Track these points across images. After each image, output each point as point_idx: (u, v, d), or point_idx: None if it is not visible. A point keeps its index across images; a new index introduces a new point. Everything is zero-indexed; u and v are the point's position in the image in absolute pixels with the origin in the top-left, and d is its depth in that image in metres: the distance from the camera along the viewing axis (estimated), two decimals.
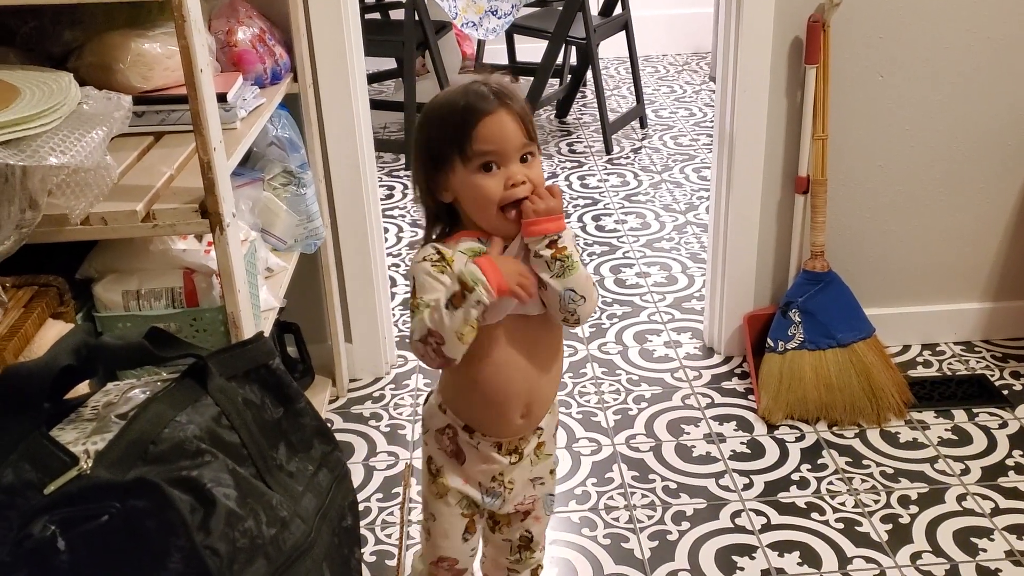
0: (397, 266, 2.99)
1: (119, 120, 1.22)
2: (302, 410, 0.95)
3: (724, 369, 2.35)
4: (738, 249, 2.30)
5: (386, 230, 3.25)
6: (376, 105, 4.36)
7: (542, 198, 1.21)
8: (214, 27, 1.85)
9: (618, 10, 4.04)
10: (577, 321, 1.26)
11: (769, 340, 2.23)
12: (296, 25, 1.97)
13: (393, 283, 2.86)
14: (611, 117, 4.07)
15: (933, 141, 2.22)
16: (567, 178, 3.66)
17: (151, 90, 1.63)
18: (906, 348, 2.40)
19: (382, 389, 2.32)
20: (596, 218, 3.28)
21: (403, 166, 3.83)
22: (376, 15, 4.54)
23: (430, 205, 1.29)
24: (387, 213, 3.40)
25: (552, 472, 1.43)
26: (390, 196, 3.56)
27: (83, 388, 1.03)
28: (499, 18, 3.75)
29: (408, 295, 1.94)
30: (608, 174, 3.68)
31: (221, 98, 1.61)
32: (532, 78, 4.26)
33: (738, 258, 2.30)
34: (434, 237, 1.29)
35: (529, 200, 1.21)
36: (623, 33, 4.06)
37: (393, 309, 2.69)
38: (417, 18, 3.69)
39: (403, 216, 3.37)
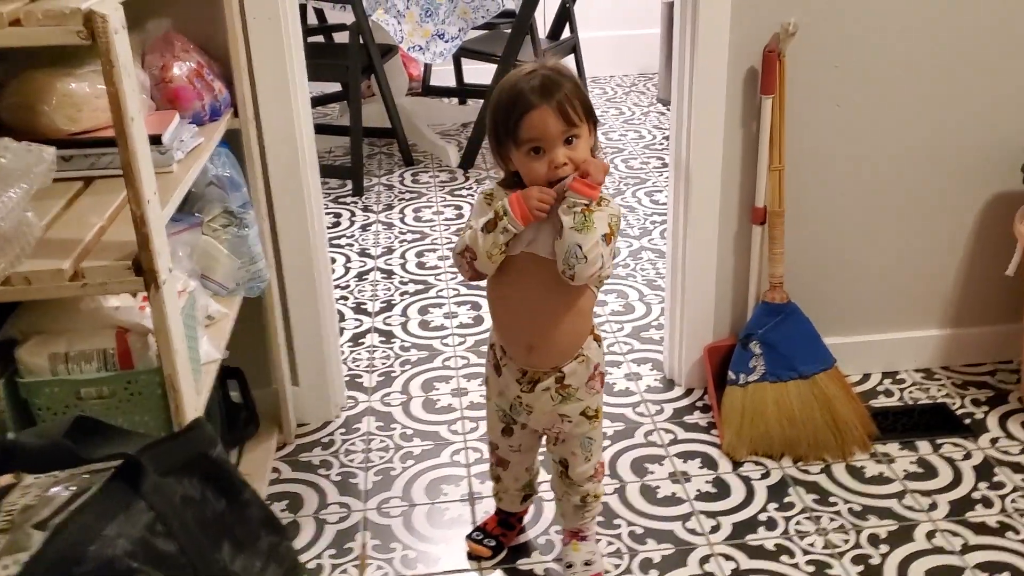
0: (345, 299, 2.89)
1: (40, 175, 1.13)
2: (247, 500, 0.86)
3: (686, 402, 2.30)
4: (696, 280, 2.25)
5: (333, 260, 3.15)
6: (321, 129, 4.26)
7: (587, 172, 1.45)
8: (148, 62, 1.75)
9: (566, 33, 4.00)
10: (573, 278, 1.46)
11: (730, 372, 2.18)
12: (236, 58, 1.87)
13: (342, 317, 2.77)
14: None
15: (889, 169, 2.20)
16: None
17: (79, 132, 1.53)
18: (867, 377, 2.37)
19: (331, 434, 2.23)
20: None
21: (350, 192, 3.73)
22: (320, 38, 4.45)
23: (503, 167, 1.56)
24: (334, 243, 3.30)
25: (588, 417, 1.66)
26: (336, 224, 3.46)
27: None
28: (446, 42, 3.69)
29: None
30: None
31: (155, 140, 1.52)
32: (481, 100, 4.20)
33: (697, 289, 2.26)
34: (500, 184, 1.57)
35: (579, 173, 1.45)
36: (571, 56, 4.02)
37: (342, 347, 2.59)
38: (362, 42, 3.61)
39: (351, 246, 3.27)
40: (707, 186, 2.16)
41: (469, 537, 1.86)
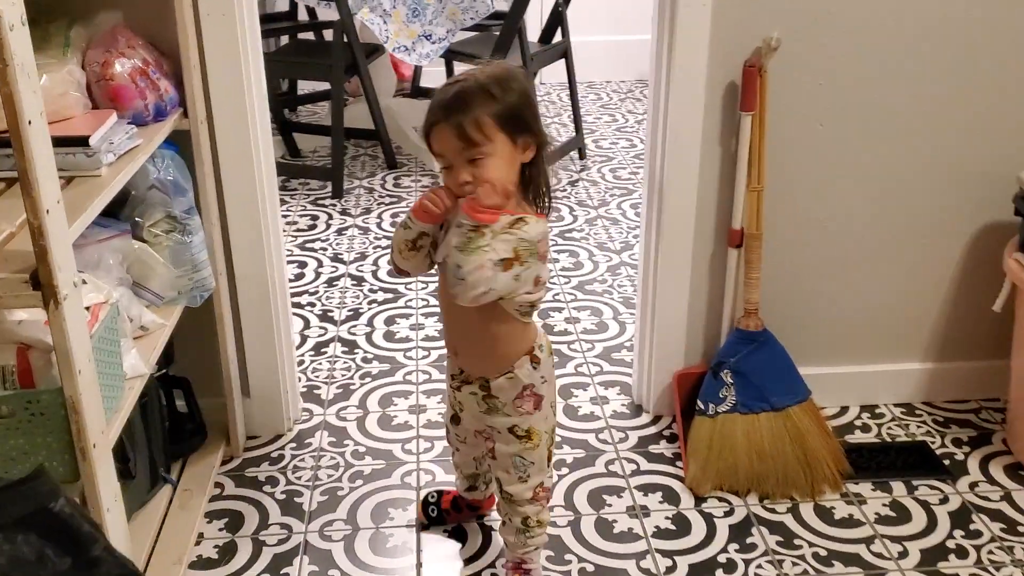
0: (312, 305, 2.80)
1: None
2: (97, 558, 0.77)
3: (652, 430, 2.20)
4: (668, 303, 2.15)
5: (304, 264, 3.06)
6: (307, 129, 4.19)
7: (483, 196, 1.39)
8: (90, 58, 1.65)
9: (558, 37, 3.90)
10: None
11: (699, 402, 2.09)
12: (186, 56, 1.78)
13: (306, 324, 2.68)
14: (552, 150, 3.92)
15: (874, 194, 2.10)
16: None
17: (4, 130, 1.44)
18: (844, 410, 2.27)
19: (281, 449, 2.13)
20: None
21: (330, 194, 3.64)
22: (310, 35, 4.36)
23: None
24: (308, 246, 3.21)
25: (518, 437, 1.60)
26: (313, 227, 3.37)
27: None
28: (433, 43, 3.59)
29: None
30: None
31: (82, 141, 1.43)
32: None
33: (668, 312, 2.16)
34: None
35: (470, 195, 1.41)
36: (563, 61, 3.92)
37: (303, 356, 2.50)
38: (346, 40, 3.52)
39: (324, 250, 3.18)
40: (682, 205, 2.07)
41: (424, 499, 1.91)
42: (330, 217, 3.45)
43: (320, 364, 2.48)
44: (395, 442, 2.15)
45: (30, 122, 1.07)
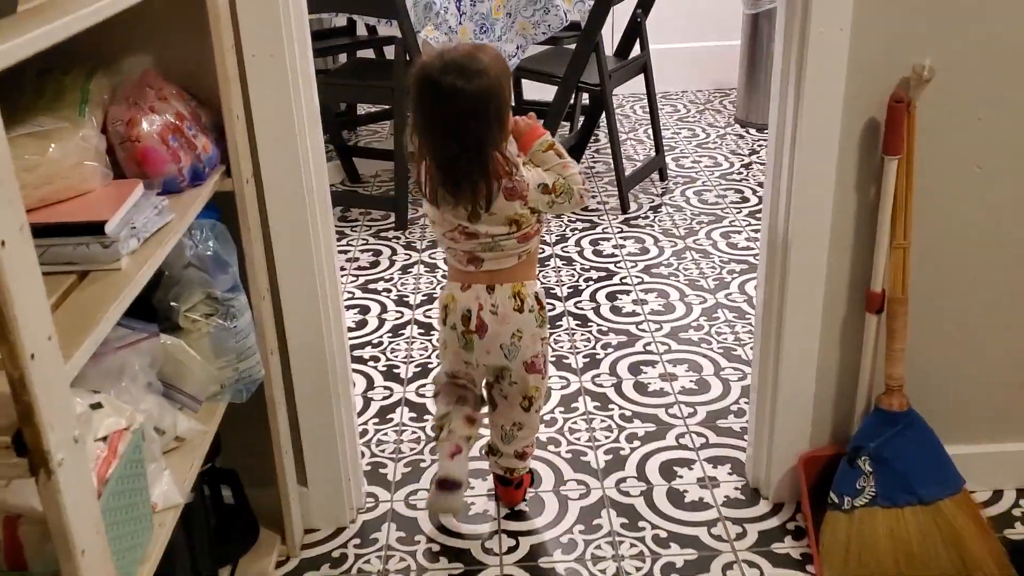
0: (376, 360, 2.53)
1: None
2: None
3: (774, 523, 1.88)
4: (792, 374, 1.83)
5: (366, 310, 2.79)
6: (364, 153, 3.93)
7: None
8: (112, 115, 1.39)
9: (635, 50, 3.58)
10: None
11: (832, 494, 1.77)
12: (228, 105, 1.51)
13: (370, 384, 2.41)
14: (627, 168, 3.61)
15: None
16: (578, 242, 3.20)
17: None
18: (998, 495, 1.93)
19: (344, 546, 1.86)
20: (611, 296, 2.81)
21: (393, 225, 3.37)
22: (369, 52, 4.11)
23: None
24: (370, 287, 2.94)
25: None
26: (375, 264, 3.10)
27: None
28: None
29: None
30: (624, 238, 3.22)
31: (96, 228, 1.16)
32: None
33: (792, 386, 1.84)
34: None
35: None
36: (641, 76, 3.60)
37: (366, 424, 2.23)
38: (409, 59, 3.24)
39: (388, 291, 2.91)
40: (810, 263, 1.74)
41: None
42: (394, 252, 3.19)
43: (386, 435, 2.20)
44: (474, 538, 1.87)
45: (3, 243, 0.80)
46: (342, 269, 3.07)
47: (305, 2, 1.63)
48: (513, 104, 4.28)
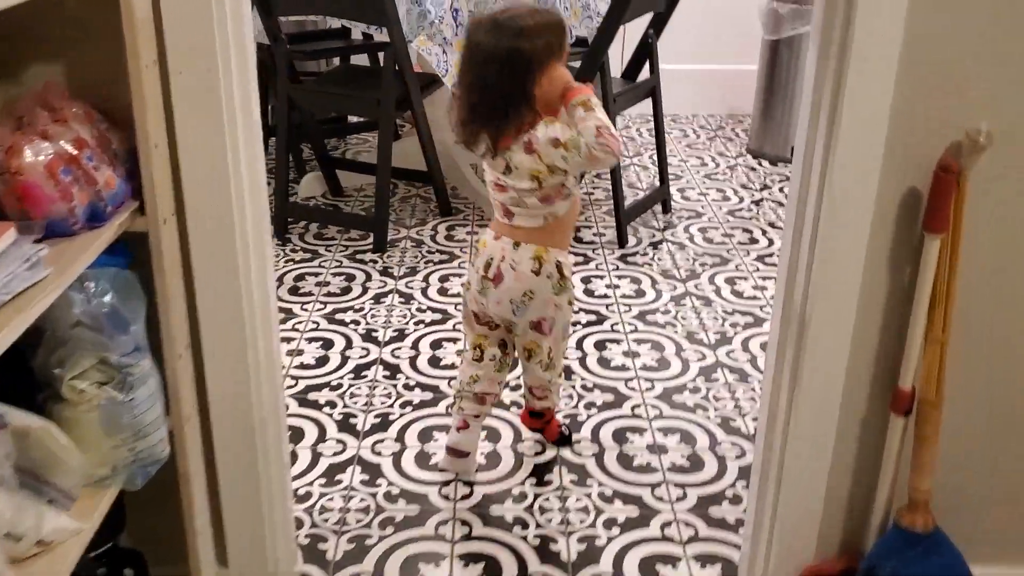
0: (332, 406, 2.26)
1: None
2: None
3: None
4: (800, 475, 1.57)
5: (329, 344, 2.53)
6: (348, 165, 3.67)
7: None
8: None
9: (644, 72, 3.32)
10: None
11: None
12: (144, 128, 1.25)
13: (322, 436, 2.15)
14: (628, 196, 3.36)
15: None
16: None
17: None
18: None
19: None
20: (600, 345, 2.55)
21: (371, 246, 3.12)
22: (364, 58, 3.84)
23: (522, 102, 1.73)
24: (338, 317, 2.68)
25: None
26: (347, 290, 2.85)
27: None
28: None
29: None
30: (620, 276, 2.96)
31: None
32: None
33: (799, 487, 1.58)
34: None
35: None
36: (649, 100, 3.34)
37: (311, 484, 1.97)
38: (399, 69, 2.98)
39: (356, 323, 2.65)
40: (831, 347, 1.48)
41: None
42: (368, 278, 2.93)
43: (331, 500, 1.94)
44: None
45: None
46: (309, 295, 2.81)
47: (248, 7, 1.37)
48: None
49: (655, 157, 3.74)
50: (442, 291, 2.84)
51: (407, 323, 2.66)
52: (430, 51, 2.93)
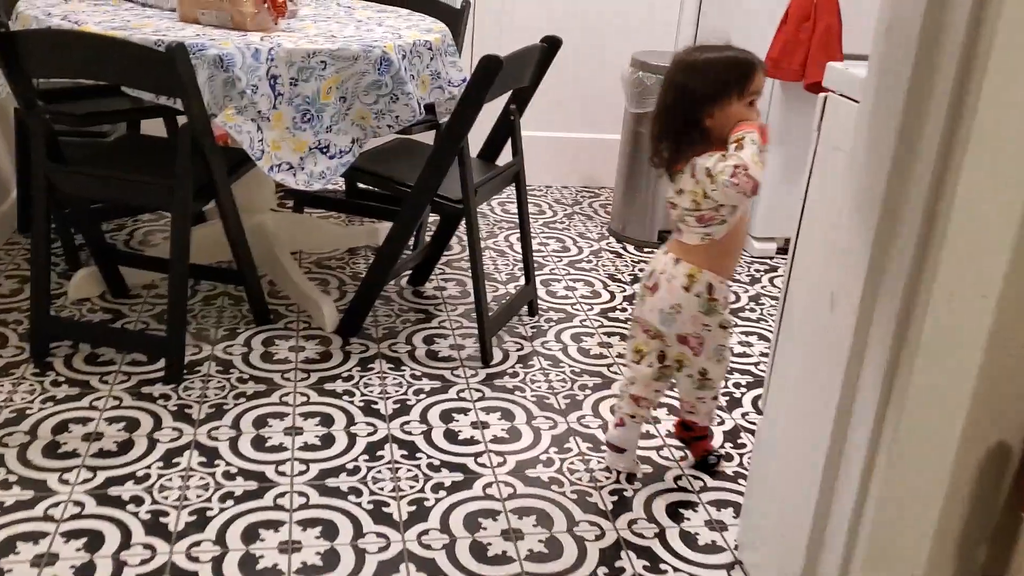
0: None
1: None
2: None
3: None
4: None
5: (96, 542, 1.81)
6: (136, 260, 2.91)
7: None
8: None
9: (506, 154, 2.79)
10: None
11: None
12: None
13: None
14: (491, 301, 2.81)
15: None
16: (424, 413, 2.34)
17: None
18: None
19: None
20: (476, 543, 1.97)
21: (163, 376, 2.40)
22: (159, 122, 3.09)
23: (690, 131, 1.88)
24: (113, 491, 1.96)
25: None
26: (127, 447, 2.12)
27: None
28: (331, 158, 2.44)
29: None
30: (487, 409, 2.39)
31: None
32: (369, 220, 3.00)
33: None
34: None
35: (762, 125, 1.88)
36: (513, 186, 2.81)
37: None
38: (197, 149, 2.30)
39: (139, 502, 1.94)
40: None
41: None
42: (156, 425, 2.21)
43: None
44: None
45: None
46: (73, 456, 2.07)
47: None
48: (345, 199, 3.41)
49: (511, 239, 3.22)
50: (258, 440, 2.17)
51: (209, 497, 1.97)
52: (239, 128, 2.27)
